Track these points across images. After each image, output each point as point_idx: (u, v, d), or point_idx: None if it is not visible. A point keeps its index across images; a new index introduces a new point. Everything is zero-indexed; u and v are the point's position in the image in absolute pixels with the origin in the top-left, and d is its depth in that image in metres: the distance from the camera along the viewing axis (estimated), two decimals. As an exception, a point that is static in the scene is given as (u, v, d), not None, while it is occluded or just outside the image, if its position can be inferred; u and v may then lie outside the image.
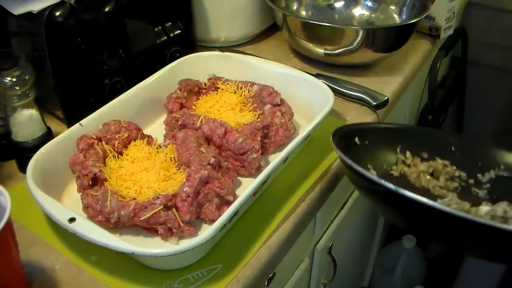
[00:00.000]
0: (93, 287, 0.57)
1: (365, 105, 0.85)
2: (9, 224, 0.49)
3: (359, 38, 0.87)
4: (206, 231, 0.53)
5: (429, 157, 0.72)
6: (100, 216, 0.59)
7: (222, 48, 0.93)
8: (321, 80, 0.81)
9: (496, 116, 1.78)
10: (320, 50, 0.92)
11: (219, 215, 0.57)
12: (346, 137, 0.66)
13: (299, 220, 0.66)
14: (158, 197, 0.59)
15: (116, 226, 0.59)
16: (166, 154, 0.67)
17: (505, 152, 0.72)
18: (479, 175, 0.71)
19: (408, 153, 0.71)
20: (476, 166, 0.71)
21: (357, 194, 1.06)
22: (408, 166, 0.71)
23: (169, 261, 0.57)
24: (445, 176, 0.70)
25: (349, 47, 0.89)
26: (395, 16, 1.04)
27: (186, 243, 0.53)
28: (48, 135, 0.73)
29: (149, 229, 0.60)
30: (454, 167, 0.71)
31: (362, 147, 0.68)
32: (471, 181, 0.70)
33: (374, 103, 0.84)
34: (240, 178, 0.69)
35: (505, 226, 0.49)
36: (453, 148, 0.73)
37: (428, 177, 0.70)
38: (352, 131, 0.69)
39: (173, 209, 0.59)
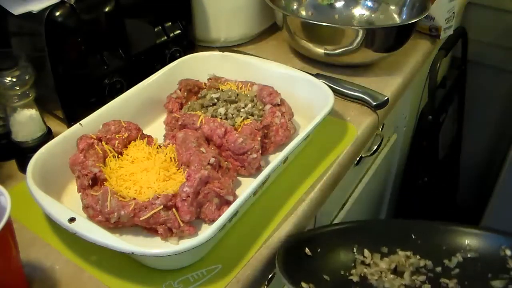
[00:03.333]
0: (93, 287, 0.57)
1: (365, 105, 0.85)
2: (9, 224, 0.49)
3: (359, 38, 0.87)
4: (206, 231, 0.53)
5: (389, 251, 0.67)
6: (100, 216, 0.59)
7: (222, 48, 0.93)
8: (321, 80, 0.81)
9: (496, 116, 1.77)
10: (320, 50, 0.92)
11: (219, 215, 0.57)
12: (296, 250, 0.62)
13: (299, 220, 0.66)
14: (158, 197, 0.59)
15: (116, 226, 0.59)
16: (166, 154, 0.67)
17: (467, 231, 0.68)
18: (446, 261, 0.66)
19: (366, 252, 0.66)
20: (441, 251, 0.67)
21: (357, 195, 1.06)
22: (368, 265, 0.65)
23: (169, 261, 0.57)
24: (409, 270, 0.65)
25: (349, 47, 0.89)
26: (395, 16, 1.04)
27: (186, 243, 0.53)
28: (48, 135, 0.73)
29: (149, 229, 0.60)
30: (418, 257, 0.66)
31: (314, 257, 0.63)
32: (439, 269, 0.65)
33: (374, 103, 0.84)
34: (240, 178, 0.69)
35: None
36: (413, 236, 0.68)
37: (391, 276, 0.64)
38: (301, 241, 0.64)
39: (173, 209, 0.59)
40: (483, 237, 0.67)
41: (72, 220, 0.55)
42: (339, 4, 1.09)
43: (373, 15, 1.07)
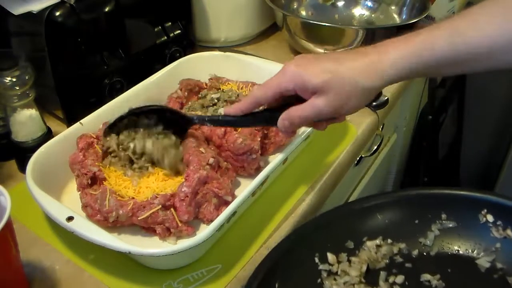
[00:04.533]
0: (93, 287, 0.57)
1: (364, 105, 0.85)
2: (9, 224, 0.50)
3: (359, 38, 0.87)
4: (204, 231, 0.53)
5: (356, 244, 0.58)
6: (98, 215, 0.59)
7: (222, 48, 0.93)
8: (320, 80, 0.81)
9: (496, 116, 1.77)
10: (320, 50, 0.92)
11: (217, 215, 0.57)
12: None
13: (299, 220, 0.66)
14: (156, 197, 0.59)
15: (114, 225, 0.59)
16: (166, 154, 0.67)
17: (438, 194, 0.59)
18: (422, 239, 0.58)
19: (330, 256, 0.57)
20: (414, 227, 0.58)
21: (357, 195, 1.06)
22: (337, 275, 0.56)
23: (167, 261, 0.57)
24: (384, 262, 0.57)
25: (349, 47, 0.89)
26: (395, 16, 1.04)
27: (184, 243, 0.53)
28: (48, 135, 0.73)
29: (147, 228, 0.60)
30: (389, 241, 0.58)
31: None
32: (415, 252, 0.58)
33: (374, 103, 0.83)
34: (239, 179, 0.69)
35: None
36: (378, 217, 0.58)
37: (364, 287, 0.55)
38: (270, 277, 0.52)
39: (171, 209, 0.59)
40: (458, 201, 0.57)
41: (70, 219, 0.55)
42: (339, 4, 1.09)
43: (373, 15, 1.07)
